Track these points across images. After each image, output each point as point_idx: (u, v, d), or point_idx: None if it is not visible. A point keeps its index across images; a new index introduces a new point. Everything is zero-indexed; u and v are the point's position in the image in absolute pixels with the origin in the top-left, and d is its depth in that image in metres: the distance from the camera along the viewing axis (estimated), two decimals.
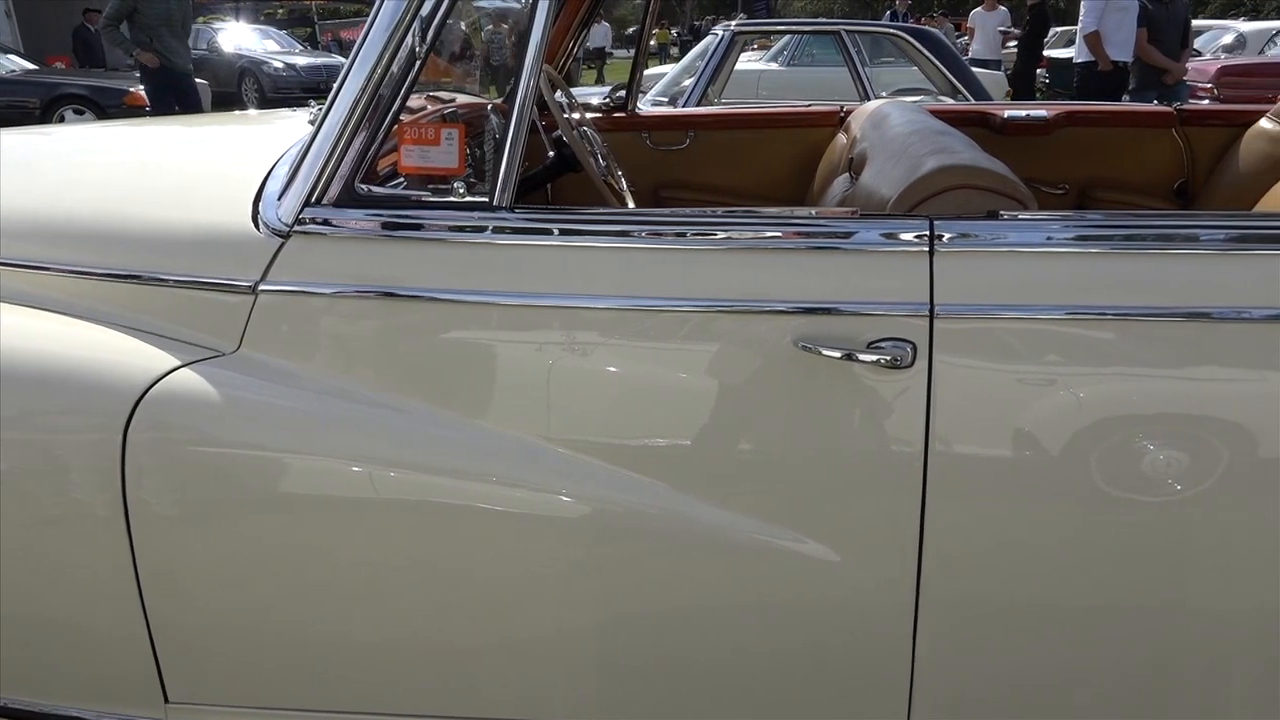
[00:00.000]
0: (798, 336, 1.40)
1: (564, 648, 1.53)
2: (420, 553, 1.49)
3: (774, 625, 1.50)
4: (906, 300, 1.39)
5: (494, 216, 1.48)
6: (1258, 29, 13.15)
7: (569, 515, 1.48)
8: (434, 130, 1.50)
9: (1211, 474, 1.38)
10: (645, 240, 1.46)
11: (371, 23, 1.49)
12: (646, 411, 1.47)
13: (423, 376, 1.50)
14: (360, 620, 1.53)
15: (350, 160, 1.50)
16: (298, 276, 1.51)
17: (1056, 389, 1.40)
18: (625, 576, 1.50)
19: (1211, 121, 2.76)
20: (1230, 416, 1.39)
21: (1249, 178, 2.49)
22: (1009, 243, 1.42)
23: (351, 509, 1.48)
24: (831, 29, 7.01)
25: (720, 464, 1.46)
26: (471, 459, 1.48)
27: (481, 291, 1.47)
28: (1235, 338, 1.38)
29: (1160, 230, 1.43)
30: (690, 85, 6.23)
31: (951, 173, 1.58)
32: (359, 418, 1.49)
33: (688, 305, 1.44)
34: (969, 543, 1.44)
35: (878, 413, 1.42)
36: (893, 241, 1.42)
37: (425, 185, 1.54)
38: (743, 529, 1.46)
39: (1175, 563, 1.42)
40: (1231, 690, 1.49)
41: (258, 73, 14.89)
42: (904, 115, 2.24)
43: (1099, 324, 1.39)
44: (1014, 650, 1.48)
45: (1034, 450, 1.41)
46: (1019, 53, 10.22)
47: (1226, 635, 1.46)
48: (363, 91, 1.48)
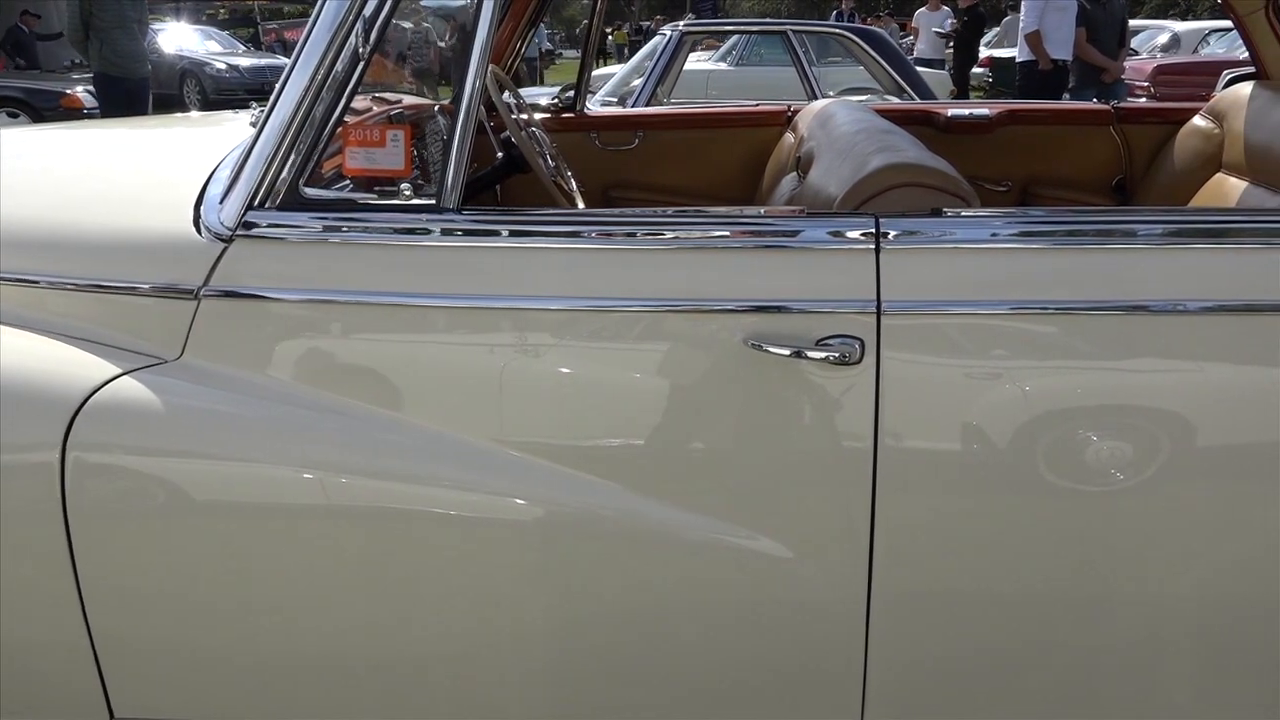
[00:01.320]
0: (747, 335, 1.41)
1: (519, 651, 1.52)
2: (372, 559, 1.47)
3: (728, 623, 1.50)
4: (854, 297, 1.41)
5: (441, 218, 1.47)
6: (1191, 29, 13.50)
7: (522, 518, 1.48)
8: (379, 132, 1.49)
9: (1153, 463, 1.42)
10: (595, 241, 1.46)
11: (313, 23, 1.47)
12: (598, 412, 1.47)
13: (371, 381, 1.48)
14: (311, 629, 1.51)
15: (294, 163, 1.48)
16: (241, 281, 1.49)
17: (1002, 383, 1.42)
18: (579, 578, 1.49)
19: (1147, 119, 2.82)
20: (1169, 407, 1.42)
21: (1184, 174, 2.55)
22: (954, 240, 1.44)
23: (300, 516, 1.46)
24: (778, 29, 7.07)
25: (673, 464, 1.46)
26: (423, 463, 1.46)
27: (430, 294, 1.46)
28: (1173, 330, 1.42)
29: (1100, 226, 1.46)
30: (639, 85, 6.25)
31: (896, 171, 1.60)
32: (306, 424, 1.47)
33: (637, 305, 1.44)
34: (920, 536, 1.46)
35: (827, 409, 1.43)
36: (839, 240, 1.44)
37: (371, 187, 1.52)
38: (696, 528, 1.47)
39: (1120, 551, 1.45)
40: (1180, 674, 1.52)
41: (199, 74, 14.62)
42: (850, 114, 2.26)
43: (1042, 318, 1.42)
44: (966, 642, 1.51)
45: (981, 443, 1.43)
46: (955, 52, 10.40)
47: (1174, 620, 1.49)
48: (305, 93, 1.46)
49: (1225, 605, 1.47)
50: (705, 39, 10.22)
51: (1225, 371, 1.43)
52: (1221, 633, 1.48)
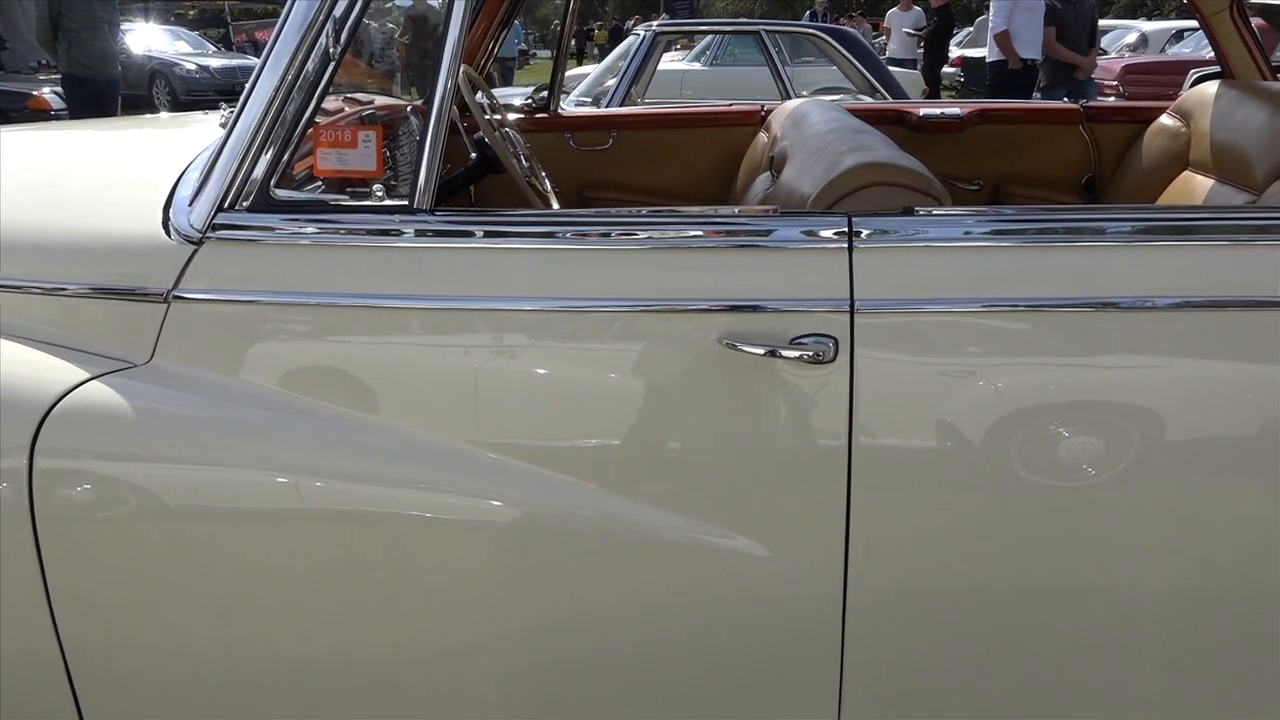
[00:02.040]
0: (722, 334, 1.41)
1: (497, 653, 1.52)
2: (348, 563, 1.47)
3: (704, 622, 1.50)
4: (827, 296, 1.41)
5: (414, 219, 1.47)
6: (1159, 28, 13.66)
7: (499, 519, 1.47)
8: (351, 133, 1.48)
9: (1124, 458, 1.43)
10: (569, 241, 1.46)
11: (283, 23, 1.46)
12: (574, 413, 1.47)
13: (345, 383, 1.47)
14: (286, 634, 1.50)
15: (264, 164, 1.46)
16: (212, 284, 1.47)
17: (975, 380, 1.43)
18: (556, 579, 1.49)
19: (1116, 118, 2.86)
20: (1139, 402, 1.44)
21: (1152, 172, 2.59)
22: (926, 238, 1.45)
23: (274, 521, 1.45)
24: (752, 29, 7.09)
25: (649, 463, 1.46)
26: (398, 466, 1.46)
27: (404, 295, 1.45)
28: (1142, 326, 1.43)
29: (1070, 224, 1.47)
30: (613, 85, 6.24)
31: (869, 170, 1.60)
32: (280, 427, 1.46)
33: (612, 306, 1.44)
34: (894, 532, 1.47)
35: (802, 407, 1.44)
36: (813, 239, 1.44)
37: (343, 189, 1.51)
38: (672, 527, 1.47)
39: (1094, 545, 1.47)
40: (1154, 668, 1.54)
41: (169, 75, 14.47)
42: (823, 114, 2.27)
43: (1014, 316, 1.43)
44: (942, 639, 1.52)
45: (955, 440, 1.44)
46: (925, 52, 10.47)
47: (1146, 614, 1.51)
48: (275, 94, 1.45)
49: (1197, 598, 1.49)
50: (679, 39, 10.23)
51: (1193, 367, 1.45)
52: (1193, 626, 1.50)
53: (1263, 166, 2.15)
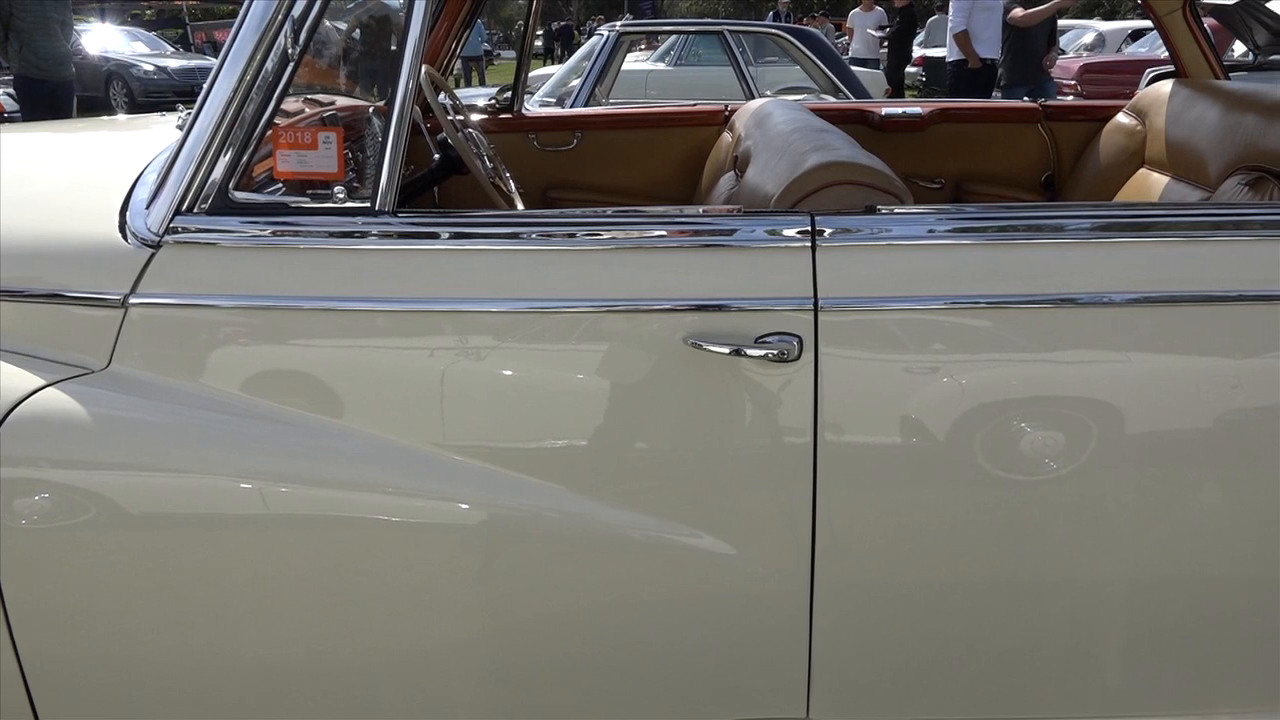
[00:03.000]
0: (687, 334, 1.42)
1: (466, 656, 1.51)
2: (314, 568, 1.45)
3: (673, 621, 1.51)
4: (791, 295, 1.42)
5: (377, 221, 1.45)
6: (1115, 28, 13.87)
7: (466, 522, 1.46)
8: (311, 134, 1.46)
9: (1084, 452, 1.45)
10: (534, 242, 1.46)
11: (240, 24, 1.44)
12: (541, 414, 1.46)
13: (309, 387, 1.46)
14: (250, 641, 1.48)
15: (223, 166, 1.45)
16: (171, 288, 1.45)
17: (939, 377, 1.45)
18: (525, 580, 1.49)
19: (1073, 117, 2.90)
20: (1099, 396, 1.46)
21: (1109, 169, 2.63)
22: (890, 236, 1.46)
23: (238, 527, 1.44)
24: (715, 29, 7.11)
25: (615, 463, 1.46)
26: (364, 470, 1.45)
27: (367, 298, 1.44)
28: (1100, 322, 1.45)
29: (1031, 221, 1.49)
30: (577, 86, 6.24)
31: (831, 169, 1.61)
32: (242, 432, 1.44)
33: (577, 306, 1.44)
34: (861, 529, 1.48)
35: (767, 406, 1.45)
36: (776, 238, 1.45)
37: (304, 191, 1.50)
38: (640, 527, 1.47)
39: (1057, 538, 1.49)
40: (1117, 658, 1.56)
41: (126, 76, 14.27)
42: (786, 113, 2.28)
43: (976, 313, 1.44)
44: (909, 632, 1.53)
45: (919, 436, 1.45)
46: (889, 52, 10.56)
47: (1109, 605, 1.52)
48: (234, 95, 1.44)
49: (1159, 589, 1.51)
50: (643, 39, 10.24)
51: (1151, 361, 1.47)
52: (1155, 617, 1.52)
53: (1216, 164, 2.19)
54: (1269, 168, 2.00)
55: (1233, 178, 2.09)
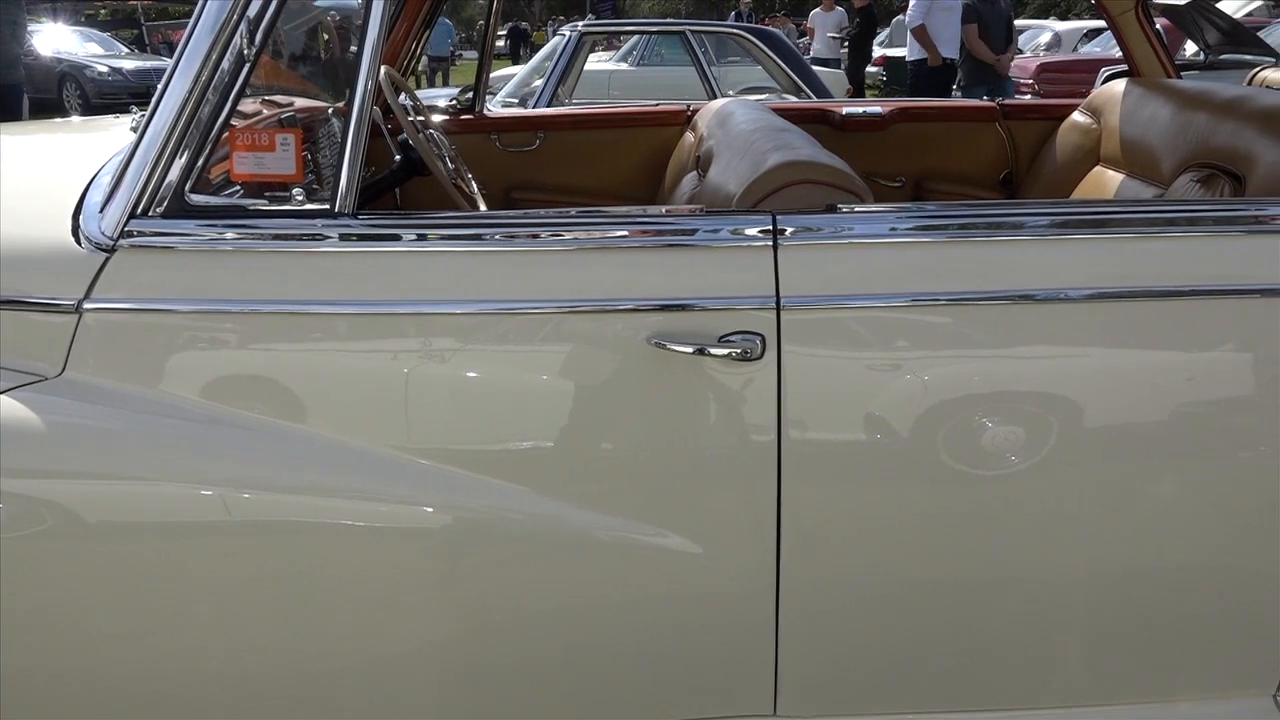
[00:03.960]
0: (651, 334, 1.42)
1: (432, 660, 1.51)
2: (278, 575, 1.44)
3: (640, 621, 1.51)
4: (753, 294, 1.43)
5: (337, 224, 1.44)
6: (1071, 28, 14.06)
7: (431, 526, 1.46)
8: (269, 136, 1.45)
9: (1045, 446, 1.47)
10: (498, 243, 1.45)
11: (195, 24, 1.42)
12: (506, 416, 1.46)
13: (270, 392, 1.44)
14: (214, 650, 1.47)
15: (179, 169, 1.43)
16: (126, 293, 1.43)
17: (902, 373, 1.46)
18: (491, 583, 1.48)
19: (1030, 115, 2.93)
20: (1059, 391, 1.48)
21: (1065, 167, 2.66)
22: (851, 235, 1.47)
23: (200, 535, 1.42)
24: (677, 30, 7.12)
25: (581, 464, 1.46)
26: (328, 475, 1.43)
27: (328, 301, 1.43)
28: (1058, 317, 1.47)
29: (991, 219, 1.51)
30: (540, 86, 6.22)
31: (792, 168, 1.62)
32: (203, 438, 1.42)
33: (541, 307, 1.43)
34: (826, 526, 1.49)
35: (731, 405, 1.45)
36: (738, 237, 1.46)
37: (262, 193, 1.48)
38: (606, 527, 1.47)
39: (1018, 531, 1.51)
40: (1081, 648, 1.58)
41: (80, 77, 14.02)
42: (748, 113, 2.29)
43: (936, 310, 1.46)
44: (875, 628, 1.54)
45: (883, 433, 1.46)
46: (850, 53, 10.65)
47: (1072, 597, 1.55)
48: (189, 96, 1.42)
49: (1118, 579, 1.54)
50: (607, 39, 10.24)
51: (1107, 355, 1.49)
52: (1116, 607, 1.55)
53: (1169, 162, 2.23)
54: (1220, 164, 2.04)
55: (1185, 175, 2.13)
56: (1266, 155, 1.92)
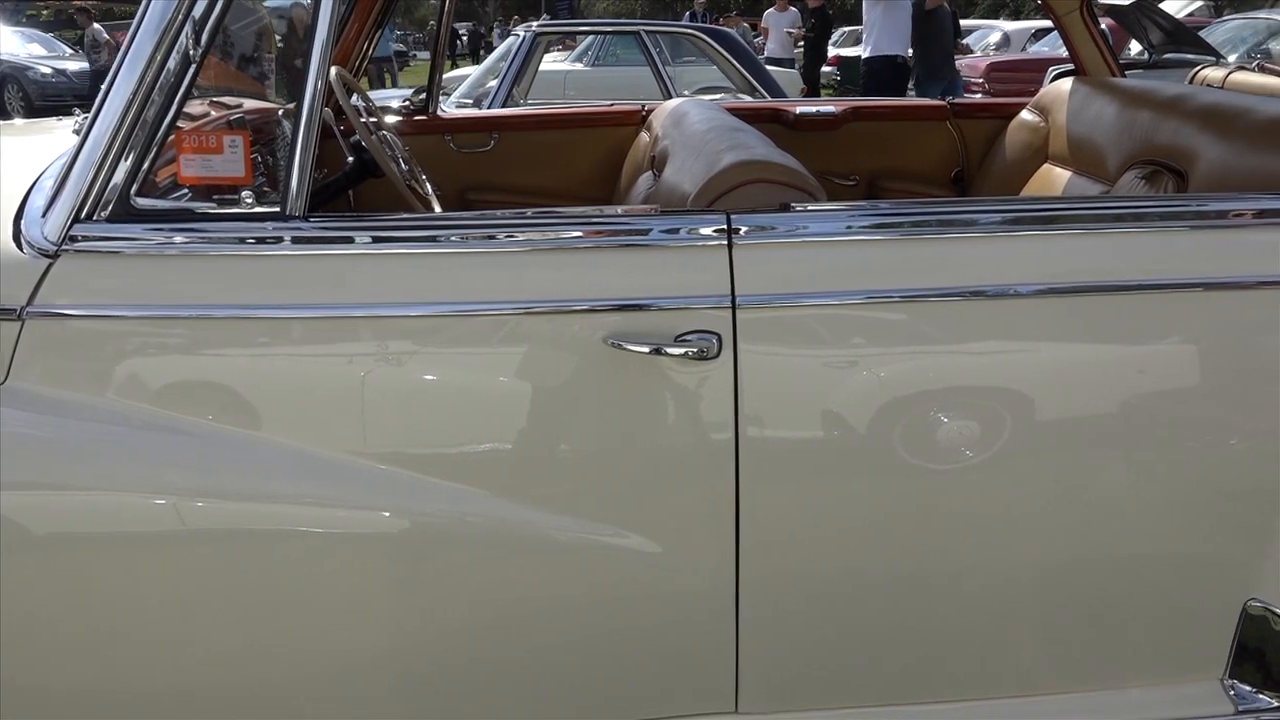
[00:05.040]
0: (608, 334, 1.42)
1: (394, 666, 1.49)
2: (233, 584, 1.42)
3: (601, 621, 1.51)
4: (709, 293, 1.43)
5: (288, 226, 1.42)
6: (1020, 28, 14.28)
7: (389, 531, 1.45)
8: (216, 138, 1.43)
9: (998, 440, 1.49)
10: (454, 244, 1.44)
11: (138, 24, 1.40)
12: (463, 418, 1.45)
13: (223, 398, 1.43)
14: (169, 662, 1.44)
15: (124, 172, 1.40)
16: (71, 299, 1.40)
17: (857, 370, 1.47)
18: (451, 587, 1.47)
19: (980, 114, 2.97)
20: (1010, 386, 1.50)
21: (1015, 165, 2.70)
22: (806, 233, 1.48)
23: (153, 544, 1.40)
24: (631, 30, 7.12)
25: (539, 466, 1.46)
26: (282, 481, 1.42)
27: (281, 305, 1.41)
28: (1008, 313, 1.49)
29: (943, 216, 1.53)
30: (494, 87, 6.19)
31: (746, 168, 1.63)
32: (153, 446, 1.40)
33: (498, 309, 1.43)
34: (784, 523, 1.50)
35: (689, 404, 1.46)
36: (693, 237, 1.46)
37: (210, 196, 1.46)
38: (565, 528, 1.47)
39: (973, 523, 1.53)
40: (1034, 637, 1.61)
41: (22, 79, 13.72)
42: (702, 113, 2.30)
43: (890, 307, 1.47)
44: (835, 623, 1.55)
45: (840, 429, 1.48)
46: (805, 53, 10.73)
47: (1025, 587, 1.57)
48: (133, 97, 1.39)
49: (1072, 568, 1.56)
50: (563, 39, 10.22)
51: (1057, 350, 1.52)
52: (1069, 596, 1.57)
53: (1114, 159, 2.27)
54: (1163, 161, 2.09)
55: (1130, 171, 2.18)
56: (1207, 152, 1.96)
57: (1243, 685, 1.59)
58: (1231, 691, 1.60)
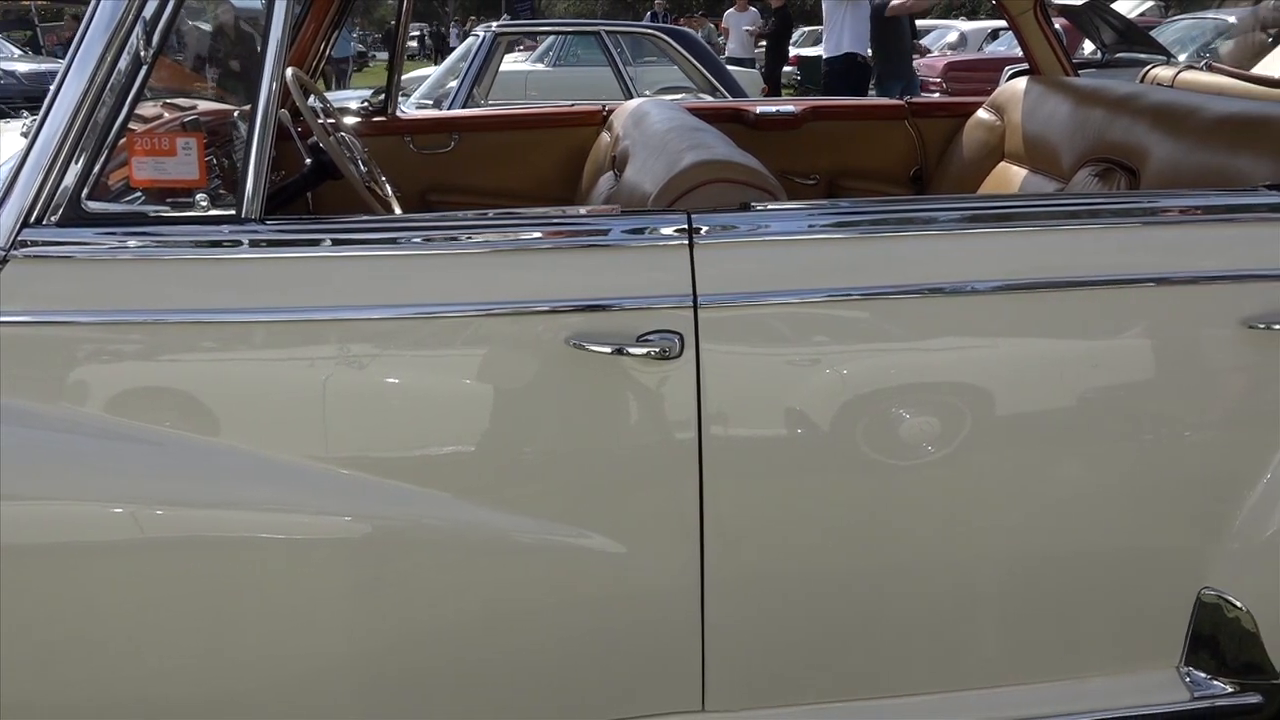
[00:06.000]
0: (570, 335, 1.42)
1: (357, 671, 1.48)
2: (193, 593, 1.40)
3: (566, 623, 1.50)
4: (670, 293, 1.43)
5: (244, 229, 1.41)
6: (976, 28, 14.45)
7: (351, 535, 1.44)
8: (169, 140, 1.41)
9: (959, 434, 1.51)
10: (415, 246, 1.44)
11: (87, 25, 1.37)
12: (425, 421, 1.44)
13: (181, 404, 1.41)
14: (132, 672, 1.43)
15: (74, 174, 1.38)
16: (22, 305, 1.37)
17: (820, 368, 1.48)
18: (414, 591, 1.46)
19: (937, 113, 3.01)
20: (969, 381, 1.52)
21: (972, 163, 2.74)
22: (767, 232, 1.49)
23: (111, 554, 1.38)
24: (592, 30, 7.12)
25: (501, 468, 1.45)
26: (243, 488, 1.41)
27: (238, 309, 1.40)
28: (967, 309, 1.51)
29: (902, 214, 1.55)
30: (454, 87, 6.16)
31: (706, 167, 1.64)
32: (109, 455, 1.38)
33: (460, 310, 1.42)
34: (748, 520, 1.50)
35: (651, 404, 1.46)
36: (654, 236, 1.46)
37: (164, 199, 1.43)
38: (528, 530, 1.46)
39: (935, 518, 1.54)
40: (996, 627, 1.62)
41: None
42: (663, 113, 2.30)
43: (851, 304, 1.48)
44: (799, 619, 1.56)
45: (802, 426, 1.48)
46: (766, 53, 10.79)
47: (988, 578, 1.59)
48: (83, 99, 1.37)
49: (1031, 561, 1.58)
50: (525, 39, 10.18)
51: (1014, 345, 1.54)
52: (1030, 588, 1.60)
53: (1068, 157, 2.30)
54: (1116, 159, 2.12)
55: (1084, 169, 2.21)
56: (1158, 150, 2.00)
57: (1198, 672, 1.63)
58: (1188, 679, 1.63)
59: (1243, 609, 1.59)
